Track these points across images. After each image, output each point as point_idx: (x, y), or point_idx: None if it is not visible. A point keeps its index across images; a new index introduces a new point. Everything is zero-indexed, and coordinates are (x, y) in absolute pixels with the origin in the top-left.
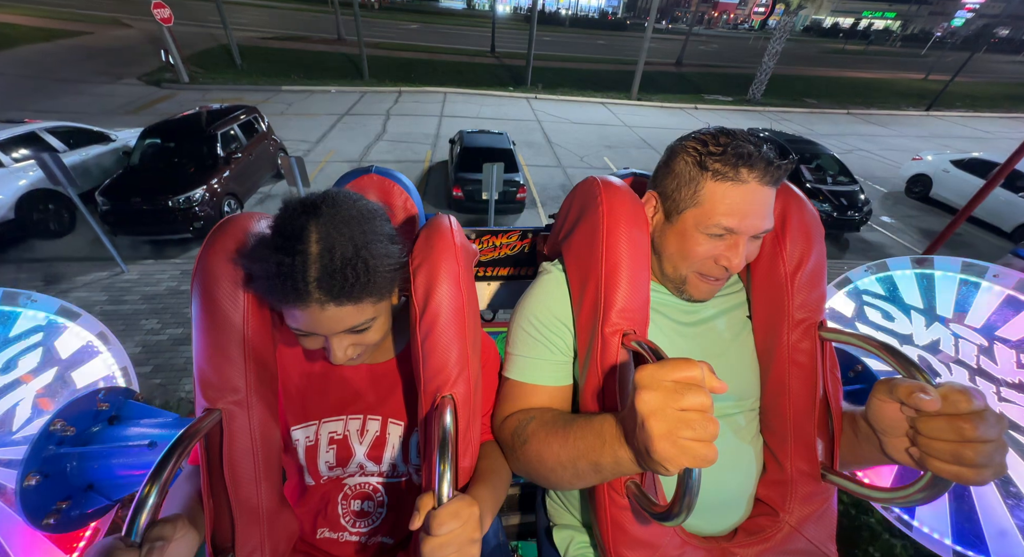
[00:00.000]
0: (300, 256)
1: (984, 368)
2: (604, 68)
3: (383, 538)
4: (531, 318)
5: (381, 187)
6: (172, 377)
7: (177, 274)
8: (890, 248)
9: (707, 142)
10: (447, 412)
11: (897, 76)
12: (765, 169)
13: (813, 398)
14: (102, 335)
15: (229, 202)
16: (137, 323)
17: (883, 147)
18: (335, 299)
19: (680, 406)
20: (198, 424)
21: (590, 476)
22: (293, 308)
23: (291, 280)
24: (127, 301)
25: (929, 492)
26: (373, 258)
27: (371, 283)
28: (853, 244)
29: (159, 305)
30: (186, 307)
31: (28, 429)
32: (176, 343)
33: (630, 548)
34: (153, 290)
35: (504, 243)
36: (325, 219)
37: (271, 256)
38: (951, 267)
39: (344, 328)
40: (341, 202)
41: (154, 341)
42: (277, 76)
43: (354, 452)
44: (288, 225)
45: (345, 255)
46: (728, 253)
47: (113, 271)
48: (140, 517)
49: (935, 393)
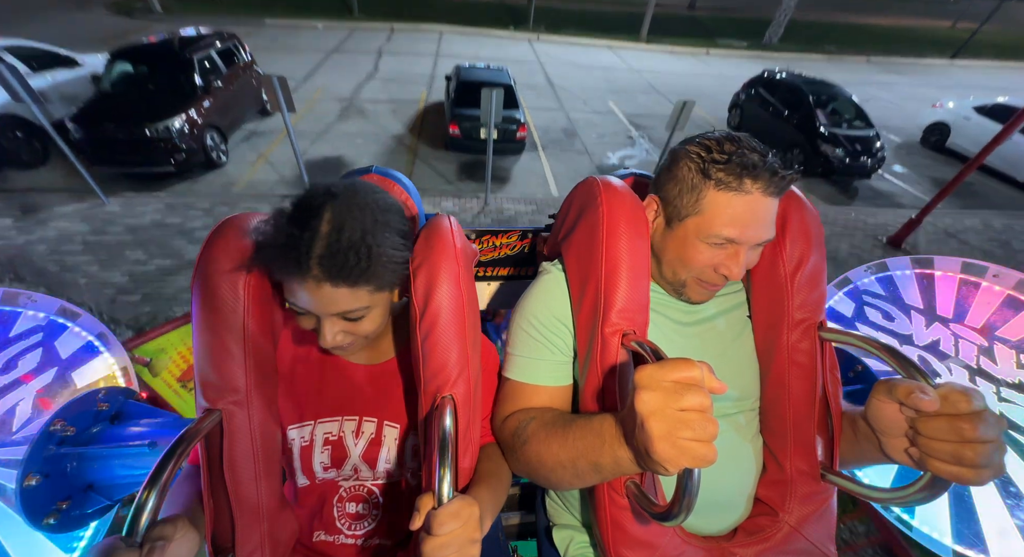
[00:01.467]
0: (310, 232)
1: (984, 368)
2: (611, 8)
3: (380, 540)
4: (531, 318)
5: (382, 186)
6: (162, 306)
7: (162, 208)
8: (899, 197)
9: (711, 149)
10: (447, 412)
11: (923, 23)
12: (769, 180)
13: (813, 398)
14: (102, 335)
15: (212, 135)
16: (122, 254)
17: (902, 96)
18: (331, 279)
19: (680, 406)
20: (198, 424)
21: (590, 476)
22: (292, 280)
23: (295, 251)
24: (110, 232)
25: (928, 492)
26: (378, 246)
27: (370, 270)
28: (862, 192)
29: (144, 237)
30: (173, 240)
31: (28, 429)
32: (164, 274)
33: (630, 548)
34: (137, 222)
35: (504, 243)
36: (342, 202)
37: (285, 227)
38: (951, 267)
39: (337, 310)
40: (361, 190)
41: (141, 271)
42: (259, 8)
43: (349, 453)
44: (307, 202)
45: (352, 238)
46: (728, 262)
47: (93, 203)
48: (141, 517)
49: (934, 394)
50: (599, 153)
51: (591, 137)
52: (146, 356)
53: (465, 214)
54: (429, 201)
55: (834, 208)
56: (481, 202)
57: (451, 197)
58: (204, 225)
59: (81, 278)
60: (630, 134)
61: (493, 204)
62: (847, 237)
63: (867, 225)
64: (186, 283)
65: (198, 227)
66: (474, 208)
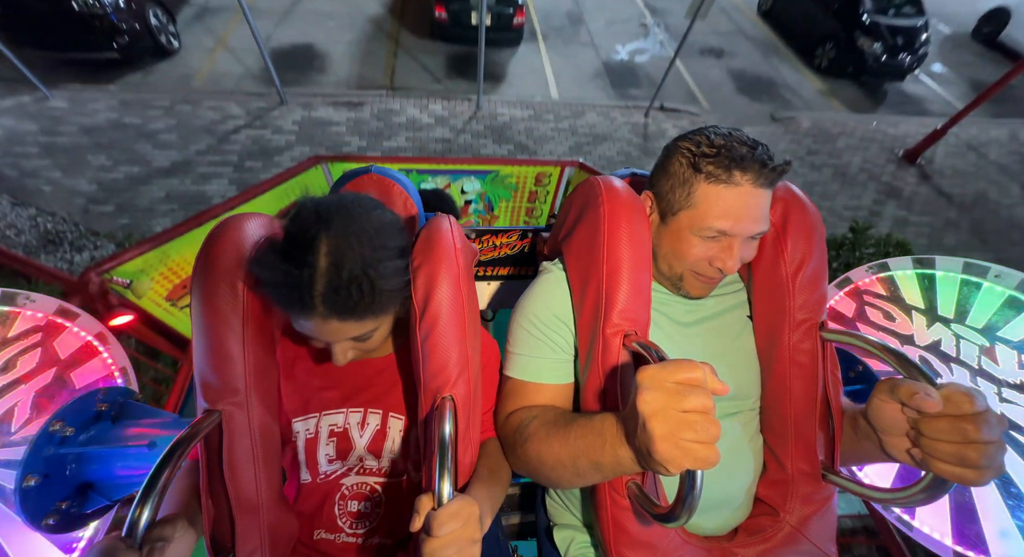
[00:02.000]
0: (308, 269)
1: (985, 369)
2: None
3: (381, 539)
4: (531, 317)
5: (380, 187)
6: (139, 219)
7: (115, 104)
8: (930, 103)
9: (701, 143)
10: (447, 413)
11: None
12: (759, 171)
13: (814, 398)
14: (101, 335)
15: (155, 11)
16: (83, 158)
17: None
18: (339, 315)
19: (682, 408)
20: (198, 425)
21: (590, 475)
22: (298, 317)
23: (297, 291)
24: (63, 132)
25: (930, 493)
26: (381, 278)
27: (375, 302)
28: (891, 97)
29: (103, 139)
30: (136, 143)
31: (27, 429)
32: (134, 182)
33: (631, 548)
34: (91, 121)
35: (504, 243)
36: (337, 231)
37: (280, 265)
38: (952, 267)
39: (346, 338)
40: (356, 213)
41: (109, 179)
42: None
43: (354, 445)
44: (300, 234)
45: (352, 272)
46: (722, 255)
47: (35, 96)
48: (140, 518)
49: (937, 395)
50: (606, 46)
51: (599, 24)
52: (125, 278)
53: (455, 120)
54: (415, 103)
55: (855, 116)
56: (473, 106)
57: (439, 99)
58: (167, 127)
59: (45, 185)
60: (644, 21)
61: (486, 108)
62: (861, 150)
63: (886, 136)
64: (159, 192)
65: (161, 129)
66: (465, 112)
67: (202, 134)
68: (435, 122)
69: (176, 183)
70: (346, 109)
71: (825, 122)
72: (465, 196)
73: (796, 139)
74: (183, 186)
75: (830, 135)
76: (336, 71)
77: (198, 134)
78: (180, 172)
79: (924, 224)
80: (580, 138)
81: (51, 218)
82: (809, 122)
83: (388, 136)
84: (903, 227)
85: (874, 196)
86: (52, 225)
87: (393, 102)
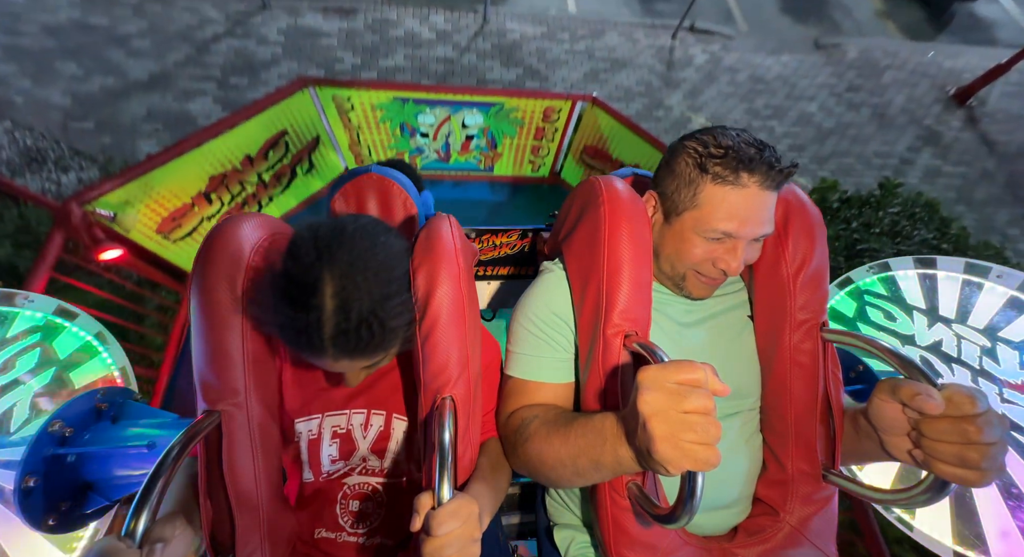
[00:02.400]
0: (315, 312)
1: (986, 369)
2: None
3: (382, 539)
4: (531, 316)
5: (380, 187)
6: (122, 137)
7: (77, 1)
8: (1001, 28)
9: (708, 144)
10: (447, 414)
11: None
12: (766, 174)
13: (815, 399)
14: (100, 335)
15: None
16: (52, 65)
17: None
18: (349, 355)
19: (683, 408)
20: (197, 426)
21: (591, 474)
22: (307, 357)
23: (306, 336)
24: (25, 33)
25: (931, 494)
26: (390, 317)
27: (386, 340)
28: (958, 20)
29: (71, 43)
30: (107, 50)
31: (26, 430)
32: (112, 96)
33: (631, 548)
34: (54, 20)
35: (504, 242)
36: (341, 268)
37: (284, 309)
38: (954, 267)
39: (359, 369)
40: (358, 245)
41: (84, 92)
42: None
43: (358, 446)
44: (301, 274)
45: (361, 314)
46: (726, 257)
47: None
48: (140, 519)
49: (938, 396)
50: None
51: None
52: (109, 210)
53: (459, 36)
54: (413, 13)
55: (909, 45)
56: (479, 18)
57: (441, 9)
58: (139, 31)
59: (16, 95)
60: None
61: (495, 22)
62: (909, 87)
63: (941, 71)
64: (139, 109)
65: (132, 33)
66: (471, 27)
67: (178, 41)
68: (436, 38)
69: (157, 100)
70: (337, 17)
71: (874, 51)
72: (466, 130)
73: (838, 72)
74: (164, 103)
75: (877, 67)
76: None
77: (174, 41)
78: (160, 87)
79: (957, 175)
80: (597, 63)
81: (29, 133)
82: (856, 51)
83: (384, 53)
84: (933, 177)
85: (909, 142)
86: (32, 141)
87: (390, 11)
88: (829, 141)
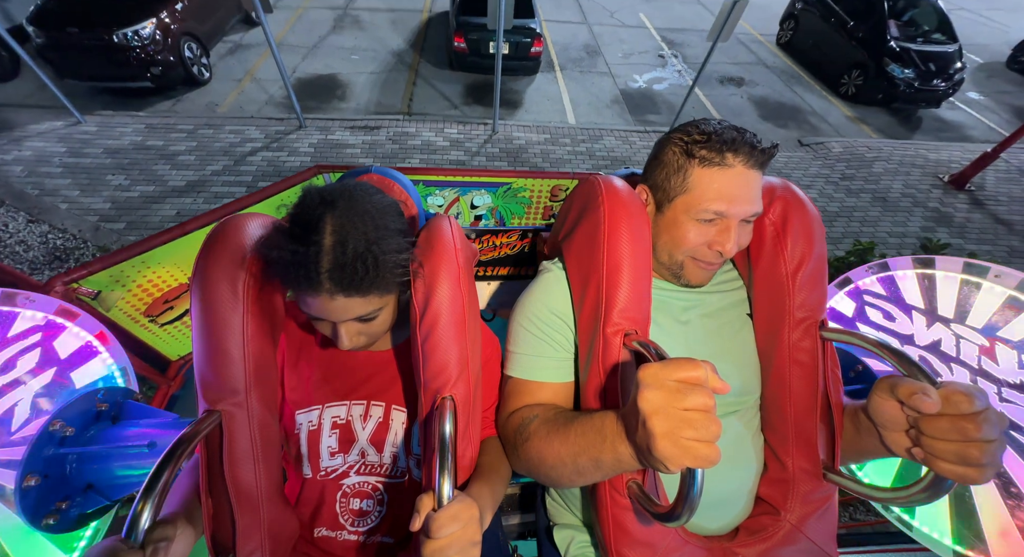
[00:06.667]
0: (314, 247)
1: (985, 368)
2: None
3: (383, 537)
4: (531, 316)
5: (381, 186)
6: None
7: (141, 128)
8: (970, 129)
9: (692, 131)
10: (447, 414)
11: None
12: (750, 153)
13: (814, 397)
14: (101, 335)
15: (189, 45)
16: (103, 178)
17: (991, 6)
18: (344, 290)
19: (683, 406)
20: (198, 425)
21: (591, 473)
22: (305, 295)
23: (304, 269)
24: (88, 154)
25: (931, 492)
26: (383, 254)
27: (379, 278)
28: (927, 123)
29: (124, 160)
30: (155, 164)
31: (27, 429)
32: (148, 201)
33: (631, 548)
34: (116, 143)
35: (504, 243)
36: (341, 211)
37: (288, 244)
38: (952, 267)
39: (352, 316)
40: (358, 196)
41: (124, 198)
42: None
43: (357, 437)
44: (306, 215)
45: (357, 249)
46: (720, 238)
47: (68, 121)
48: (140, 519)
49: (936, 394)
50: (624, 75)
51: (616, 56)
52: (93, 288)
53: (470, 143)
54: (430, 127)
55: (890, 141)
56: (488, 129)
57: (455, 123)
58: (187, 149)
59: (62, 203)
60: (661, 52)
61: (502, 131)
62: (902, 175)
63: (927, 162)
64: (170, 211)
65: (181, 151)
66: (480, 136)
67: (220, 156)
68: (450, 145)
69: (188, 202)
70: (362, 132)
71: (858, 147)
72: (475, 211)
73: (828, 164)
74: (195, 205)
75: (864, 159)
76: (356, 99)
77: (216, 156)
78: (194, 191)
79: (983, 253)
80: (598, 161)
81: (62, 235)
82: (840, 147)
83: (402, 158)
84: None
85: (920, 222)
86: (62, 242)
87: (409, 126)
88: (838, 223)
